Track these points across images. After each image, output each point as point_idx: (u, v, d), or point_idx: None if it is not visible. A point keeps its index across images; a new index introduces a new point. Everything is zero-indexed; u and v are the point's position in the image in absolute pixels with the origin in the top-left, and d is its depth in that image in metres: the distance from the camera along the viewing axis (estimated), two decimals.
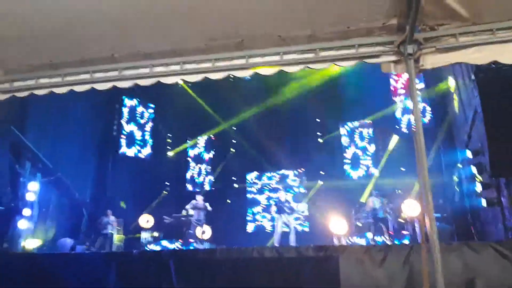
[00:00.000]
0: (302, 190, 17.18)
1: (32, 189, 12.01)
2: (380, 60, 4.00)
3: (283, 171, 17.68)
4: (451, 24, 3.73)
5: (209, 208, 12.67)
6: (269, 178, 17.82)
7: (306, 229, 16.15)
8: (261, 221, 17.19)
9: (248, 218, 17.35)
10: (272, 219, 16.33)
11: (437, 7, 3.56)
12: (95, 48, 4.57)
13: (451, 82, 11.20)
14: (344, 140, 17.07)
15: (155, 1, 3.87)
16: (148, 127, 17.84)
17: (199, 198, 12.84)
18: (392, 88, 15.85)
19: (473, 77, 7.59)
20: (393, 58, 3.94)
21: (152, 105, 17.98)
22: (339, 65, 4.16)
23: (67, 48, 4.64)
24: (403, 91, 15.58)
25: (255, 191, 17.79)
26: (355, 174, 16.62)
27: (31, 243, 11.64)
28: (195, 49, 4.40)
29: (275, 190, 17.05)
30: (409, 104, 15.18)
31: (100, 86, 4.88)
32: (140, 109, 17.71)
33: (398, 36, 3.84)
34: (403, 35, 3.75)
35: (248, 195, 17.76)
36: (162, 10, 3.95)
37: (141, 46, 4.50)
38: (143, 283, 7.98)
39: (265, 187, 17.72)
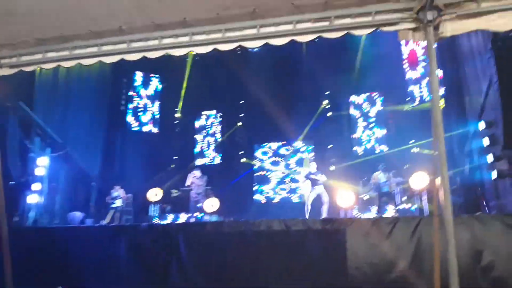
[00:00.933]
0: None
1: (42, 164, 12.09)
2: (398, 27, 3.87)
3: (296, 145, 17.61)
4: None
5: (203, 183, 12.55)
6: (279, 149, 17.74)
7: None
8: (273, 195, 17.25)
9: (255, 192, 17.40)
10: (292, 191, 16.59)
11: None
12: (104, 21, 4.47)
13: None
14: (353, 112, 16.85)
15: None
16: (156, 101, 17.74)
17: (197, 173, 12.70)
18: (404, 59, 15.45)
19: (490, 46, 7.36)
20: (412, 25, 3.81)
21: (160, 79, 17.80)
22: (354, 34, 4.02)
23: (76, 21, 4.58)
24: (416, 61, 15.19)
25: (265, 164, 17.76)
26: (363, 148, 16.49)
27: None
28: (206, 19, 4.30)
29: (298, 162, 17.08)
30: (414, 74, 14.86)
31: (108, 59, 4.83)
32: (149, 82, 17.56)
33: (418, 2, 3.69)
34: (422, 1, 3.60)
35: (256, 169, 17.74)
36: None
37: (151, 17, 4.40)
38: (152, 256, 8.12)
39: (277, 158, 17.67)
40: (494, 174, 8.78)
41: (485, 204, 10.14)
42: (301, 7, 4.08)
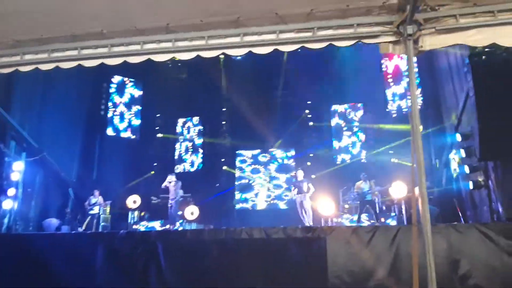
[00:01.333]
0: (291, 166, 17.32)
1: (17, 169, 11.76)
2: (379, 40, 3.93)
3: (273, 151, 17.65)
4: (452, 4, 3.67)
5: (180, 192, 12.38)
6: (257, 156, 17.75)
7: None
8: (253, 201, 17.23)
9: (238, 200, 17.35)
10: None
11: None
12: (85, 24, 4.40)
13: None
14: (334, 123, 17.07)
15: None
16: (136, 107, 17.55)
17: (171, 178, 12.43)
18: (383, 71, 15.79)
19: (467, 61, 7.57)
20: (392, 38, 3.88)
21: (141, 85, 17.64)
22: (336, 45, 4.07)
23: (55, 23, 4.47)
24: (394, 75, 15.55)
25: (246, 170, 17.74)
26: (343, 157, 16.69)
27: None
28: (190, 25, 4.27)
29: (283, 168, 17.16)
30: (398, 89, 15.21)
31: (88, 63, 4.73)
32: (128, 88, 17.38)
33: (398, 16, 3.76)
34: (403, 15, 3.68)
35: (238, 174, 17.71)
36: None
37: (133, 22, 4.34)
38: (130, 264, 7.95)
39: (257, 166, 17.68)
40: (470, 185, 8.97)
41: (461, 214, 10.36)
42: (284, 17, 4.10)
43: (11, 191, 11.41)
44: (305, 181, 11.66)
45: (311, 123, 17.04)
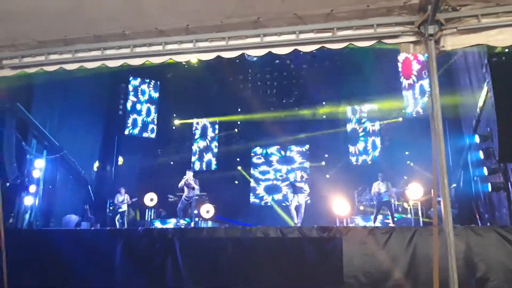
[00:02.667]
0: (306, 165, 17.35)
1: (38, 166, 12.05)
2: (399, 40, 3.94)
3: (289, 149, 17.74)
4: (474, 4, 3.65)
5: (196, 188, 12.44)
6: (273, 155, 17.85)
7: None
8: (267, 200, 17.32)
9: (252, 198, 17.46)
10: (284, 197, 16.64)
11: None
12: (108, 25, 4.50)
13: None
14: (349, 122, 17.01)
15: None
16: (153, 107, 17.79)
17: (189, 174, 12.39)
18: (400, 71, 15.64)
19: (485, 61, 7.47)
20: (413, 38, 3.88)
21: (158, 86, 17.87)
22: (356, 45, 4.09)
23: (79, 25, 4.59)
24: (411, 73, 15.38)
25: (260, 170, 17.85)
26: (358, 158, 16.61)
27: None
28: (210, 26, 4.33)
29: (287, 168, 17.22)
30: (417, 87, 15.04)
31: (111, 63, 4.84)
32: (146, 88, 17.62)
33: (419, 16, 3.76)
34: (424, 15, 3.68)
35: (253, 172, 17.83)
36: None
37: (155, 23, 4.43)
38: (148, 260, 8.08)
39: (271, 165, 17.78)
40: (489, 187, 8.85)
41: (479, 216, 10.22)
42: (304, 18, 4.14)
43: (32, 188, 11.69)
44: (302, 182, 11.68)
45: (325, 121, 17.01)
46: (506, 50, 7.16)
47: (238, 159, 18.00)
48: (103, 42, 4.69)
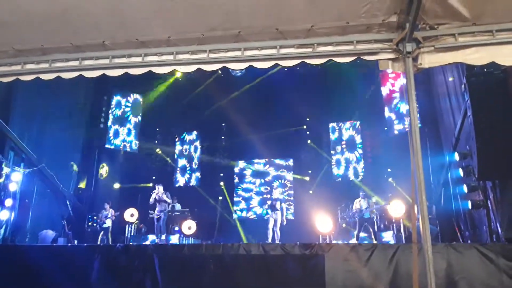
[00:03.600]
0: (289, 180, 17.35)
1: (15, 179, 11.72)
2: (378, 57, 3.98)
3: (272, 164, 17.76)
4: (451, 23, 3.72)
5: (169, 201, 12.22)
6: (255, 170, 17.84)
7: (291, 217, 16.36)
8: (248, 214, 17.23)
9: (236, 211, 17.35)
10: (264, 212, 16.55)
11: (438, 5, 3.55)
12: (88, 35, 4.43)
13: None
14: (332, 140, 17.14)
15: None
16: (135, 120, 17.60)
17: (159, 188, 12.23)
18: (382, 90, 15.91)
19: (464, 80, 7.63)
20: (391, 56, 3.93)
21: (140, 98, 17.73)
22: (336, 61, 4.11)
23: (57, 33, 4.50)
24: (394, 93, 15.64)
25: (242, 187, 17.77)
26: (341, 174, 16.69)
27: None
28: (191, 39, 4.32)
29: (267, 183, 17.26)
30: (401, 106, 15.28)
31: (89, 74, 4.75)
32: (128, 100, 17.45)
33: (397, 34, 3.82)
34: (402, 33, 3.74)
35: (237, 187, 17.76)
36: None
37: (136, 34, 4.39)
38: (127, 277, 7.87)
39: (253, 180, 17.75)
40: (469, 205, 8.93)
41: (460, 233, 10.29)
42: (285, 33, 4.16)
43: (8, 202, 11.35)
44: (279, 200, 11.64)
45: (309, 141, 17.09)
46: (485, 69, 7.33)
47: (221, 174, 17.88)
48: (81, 52, 4.60)
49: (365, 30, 3.97)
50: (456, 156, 9.55)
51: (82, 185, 14.68)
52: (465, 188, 9.13)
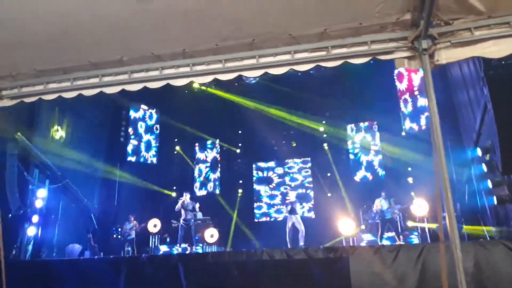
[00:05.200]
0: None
1: (41, 196, 12.02)
2: (394, 56, 3.96)
3: (290, 164, 17.78)
4: (466, 17, 3.67)
5: (197, 211, 12.23)
6: (275, 173, 17.86)
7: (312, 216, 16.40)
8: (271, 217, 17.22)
9: (256, 217, 17.37)
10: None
11: (452, 0, 3.51)
12: (104, 52, 4.55)
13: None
14: (350, 141, 17.02)
15: (165, 3, 3.83)
16: (154, 132, 17.86)
17: (186, 196, 12.27)
18: (398, 88, 15.74)
19: (482, 74, 7.52)
20: (407, 54, 3.89)
21: (159, 111, 18.00)
22: (351, 62, 4.11)
23: (76, 53, 4.62)
24: (408, 90, 15.46)
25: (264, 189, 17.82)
26: (361, 175, 16.53)
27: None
28: (206, 50, 4.37)
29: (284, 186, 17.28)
30: (417, 103, 15.08)
31: (109, 90, 4.86)
32: (147, 114, 17.75)
33: (412, 32, 3.79)
34: (417, 30, 3.71)
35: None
36: (173, 12, 3.91)
37: (150, 48, 4.47)
38: (153, 286, 7.96)
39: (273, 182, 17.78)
40: (494, 200, 8.75)
41: (486, 230, 10.07)
42: (298, 38, 4.18)
43: (35, 218, 11.63)
44: (297, 202, 11.60)
45: (325, 145, 17.04)
46: (503, 62, 7.22)
47: (240, 181, 17.94)
48: (100, 69, 4.72)
49: (379, 30, 3.96)
50: (479, 151, 9.39)
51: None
52: (489, 184, 8.96)
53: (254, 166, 18.07)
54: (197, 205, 12.25)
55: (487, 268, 6.52)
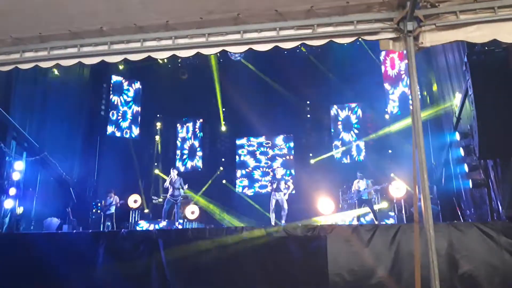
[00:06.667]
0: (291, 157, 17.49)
1: (18, 169, 11.76)
2: (379, 37, 3.94)
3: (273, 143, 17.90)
4: (452, 1, 3.68)
5: (185, 188, 12.23)
6: (258, 149, 17.95)
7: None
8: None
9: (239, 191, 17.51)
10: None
11: None
12: (85, 21, 4.39)
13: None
14: (333, 122, 17.14)
15: None
16: (136, 107, 17.58)
17: (173, 173, 12.16)
18: (382, 71, 15.83)
19: (465, 59, 7.57)
20: (392, 35, 3.89)
21: (140, 85, 17.68)
22: (336, 42, 4.08)
23: (56, 21, 4.46)
24: (394, 74, 15.57)
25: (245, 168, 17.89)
26: (342, 155, 16.74)
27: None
28: (190, 23, 4.27)
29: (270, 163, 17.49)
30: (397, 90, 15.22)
31: (88, 61, 4.72)
32: (128, 87, 17.41)
33: (398, 13, 3.77)
34: (403, 11, 3.69)
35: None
36: None
37: (134, 19, 4.34)
38: (132, 262, 7.97)
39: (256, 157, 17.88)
40: (470, 184, 8.97)
41: (461, 213, 10.35)
42: (284, 14, 4.11)
43: (12, 191, 11.42)
44: (282, 180, 11.66)
45: (309, 118, 17.14)
46: (486, 48, 7.27)
47: (223, 159, 17.95)
48: (79, 39, 4.57)
49: (365, 10, 3.92)
50: (457, 136, 9.54)
51: None
52: (466, 168, 9.15)
53: (237, 142, 18.08)
54: (182, 183, 12.17)
55: (460, 250, 6.72)
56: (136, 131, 17.35)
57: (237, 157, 18.00)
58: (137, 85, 17.66)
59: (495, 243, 6.65)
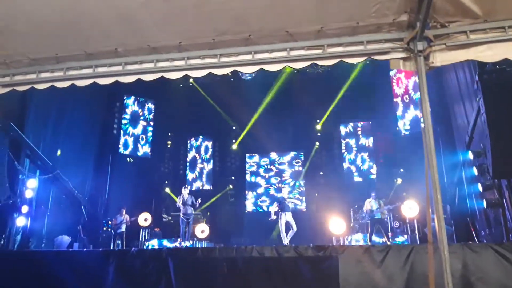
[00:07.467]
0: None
1: (31, 186, 11.90)
2: (389, 57, 3.95)
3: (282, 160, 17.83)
4: (462, 21, 3.68)
5: (197, 205, 12.13)
6: (267, 169, 17.90)
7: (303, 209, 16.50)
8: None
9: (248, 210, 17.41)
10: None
11: (449, 3, 3.52)
12: (100, 42, 4.50)
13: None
14: (344, 140, 17.09)
15: None
16: (148, 126, 17.78)
17: (184, 192, 12.15)
18: (394, 89, 15.81)
19: (476, 78, 7.56)
20: (402, 55, 3.89)
21: (153, 105, 17.91)
22: (347, 62, 4.11)
23: (70, 42, 4.56)
24: (403, 92, 15.53)
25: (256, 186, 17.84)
26: (354, 174, 16.61)
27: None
28: (202, 44, 4.34)
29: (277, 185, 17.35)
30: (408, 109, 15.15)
31: (102, 81, 4.80)
32: (141, 107, 17.64)
33: (408, 33, 3.79)
34: (413, 32, 3.71)
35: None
36: (171, 5, 3.90)
37: (148, 40, 4.43)
38: (141, 281, 7.93)
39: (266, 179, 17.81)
40: (484, 204, 8.82)
41: (475, 233, 10.16)
42: (295, 35, 4.17)
43: (24, 208, 11.52)
44: (290, 199, 11.62)
45: (317, 144, 17.10)
46: (497, 66, 7.26)
47: (233, 178, 17.95)
48: (94, 59, 4.67)
49: (375, 30, 3.95)
50: (470, 155, 9.45)
51: None
52: (479, 187, 9.03)
53: (247, 160, 18.09)
54: (199, 200, 12.13)
55: (475, 271, 6.57)
56: (147, 149, 17.49)
57: (247, 176, 17.95)
58: (150, 104, 17.88)
59: (511, 265, 6.48)
